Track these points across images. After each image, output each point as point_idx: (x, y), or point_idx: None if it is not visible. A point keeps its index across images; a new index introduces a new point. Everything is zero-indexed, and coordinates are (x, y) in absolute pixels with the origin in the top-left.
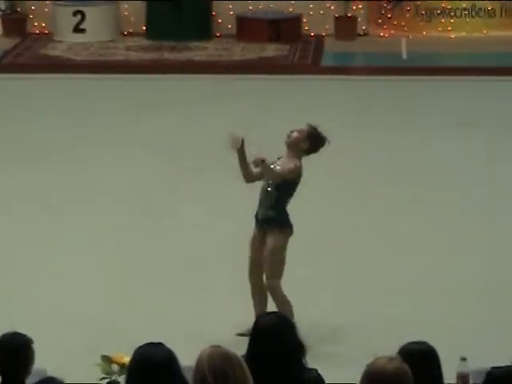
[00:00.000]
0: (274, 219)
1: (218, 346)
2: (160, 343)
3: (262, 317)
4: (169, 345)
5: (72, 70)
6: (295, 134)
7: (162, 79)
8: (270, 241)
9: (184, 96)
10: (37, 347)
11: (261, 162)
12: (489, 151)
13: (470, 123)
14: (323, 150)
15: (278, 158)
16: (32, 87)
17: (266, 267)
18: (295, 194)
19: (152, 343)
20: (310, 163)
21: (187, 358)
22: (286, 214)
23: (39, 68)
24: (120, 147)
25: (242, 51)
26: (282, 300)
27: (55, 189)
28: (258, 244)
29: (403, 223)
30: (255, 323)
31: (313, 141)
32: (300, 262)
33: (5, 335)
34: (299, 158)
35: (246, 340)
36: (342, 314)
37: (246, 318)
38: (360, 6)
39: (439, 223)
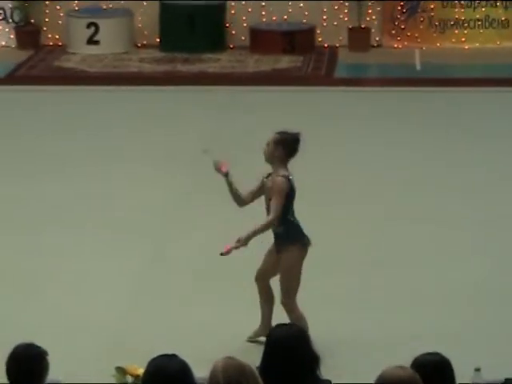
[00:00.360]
0: (282, 236)
1: (232, 358)
2: (174, 355)
3: (276, 328)
4: (182, 356)
5: (86, 81)
6: (265, 149)
7: (175, 91)
8: (283, 258)
9: (197, 108)
10: (52, 358)
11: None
12: (503, 162)
13: (483, 134)
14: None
15: (267, 177)
16: (46, 99)
17: (280, 285)
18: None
19: (166, 355)
20: (323, 175)
21: (200, 370)
22: (295, 228)
23: (53, 80)
24: (134, 159)
25: (255, 63)
26: (296, 318)
27: (69, 201)
28: (270, 256)
29: (420, 234)
30: (270, 335)
31: (283, 144)
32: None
33: (19, 346)
34: (283, 167)
35: (256, 350)
36: (346, 325)
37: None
38: (374, 17)
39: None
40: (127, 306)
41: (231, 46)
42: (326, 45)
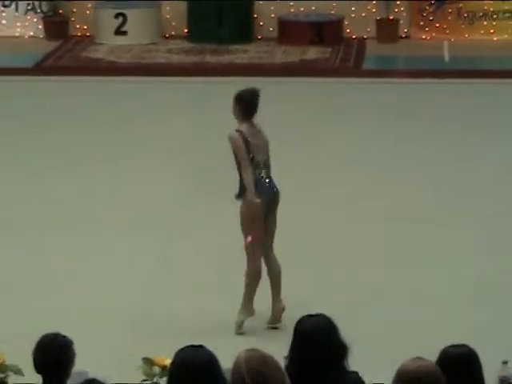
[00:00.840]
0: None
1: (255, 349)
2: (201, 346)
3: (304, 319)
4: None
5: (113, 72)
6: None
7: (204, 82)
8: (240, 208)
9: (225, 99)
10: (79, 349)
11: None
12: None
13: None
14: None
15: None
16: (73, 90)
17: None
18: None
19: (193, 346)
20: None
21: (225, 361)
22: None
23: (80, 71)
24: (158, 150)
25: (283, 54)
26: (252, 266)
27: (92, 193)
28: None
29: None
30: (298, 326)
31: (240, 100)
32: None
33: (45, 336)
34: (246, 122)
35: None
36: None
37: None
38: (402, 9)
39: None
40: (155, 297)
41: (259, 37)
42: (354, 36)
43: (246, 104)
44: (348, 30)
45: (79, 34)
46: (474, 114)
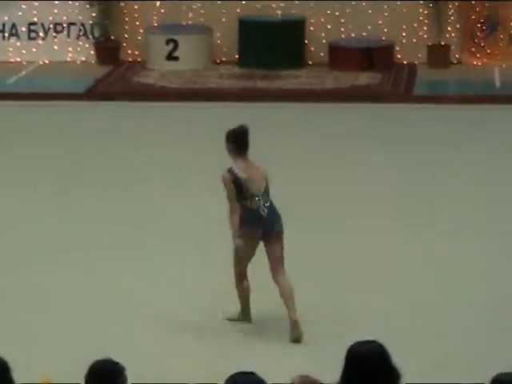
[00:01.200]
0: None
1: (308, 376)
2: (252, 372)
3: (357, 346)
4: None
5: (165, 97)
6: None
7: (254, 107)
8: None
9: (276, 124)
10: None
11: None
12: None
13: None
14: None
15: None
16: (124, 115)
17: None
18: None
19: (244, 372)
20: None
21: None
22: (246, 215)
23: (132, 96)
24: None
25: (334, 79)
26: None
27: (144, 215)
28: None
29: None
30: (350, 352)
31: (232, 139)
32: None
33: (98, 361)
34: (239, 159)
35: None
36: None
37: None
38: (453, 35)
39: None
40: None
41: (310, 63)
42: (404, 62)
43: (238, 141)
44: (399, 56)
45: (130, 60)
46: None
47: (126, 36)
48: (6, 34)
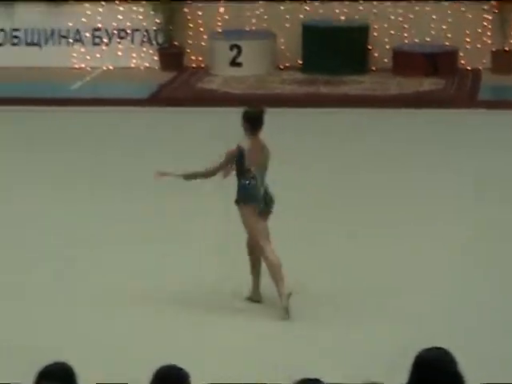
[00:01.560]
0: (237, 195)
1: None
2: (317, 379)
3: (424, 353)
4: None
5: (228, 103)
6: None
7: (317, 113)
8: (240, 215)
9: (338, 130)
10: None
11: None
12: None
13: None
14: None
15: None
16: (188, 121)
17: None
18: None
19: (309, 379)
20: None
21: None
22: (247, 191)
23: (196, 101)
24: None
25: (397, 85)
26: (268, 263)
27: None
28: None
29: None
30: (418, 359)
31: (246, 118)
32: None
33: (163, 367)
34: (250, 137)
35: None
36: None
37: None
38: None
39: None
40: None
41: (373, 68)
42: (468, 67)
43: (253, 122)
44: (463, 62)
45: (194, 66)
46: None
47: (189, 42)
48: (71, 40)
